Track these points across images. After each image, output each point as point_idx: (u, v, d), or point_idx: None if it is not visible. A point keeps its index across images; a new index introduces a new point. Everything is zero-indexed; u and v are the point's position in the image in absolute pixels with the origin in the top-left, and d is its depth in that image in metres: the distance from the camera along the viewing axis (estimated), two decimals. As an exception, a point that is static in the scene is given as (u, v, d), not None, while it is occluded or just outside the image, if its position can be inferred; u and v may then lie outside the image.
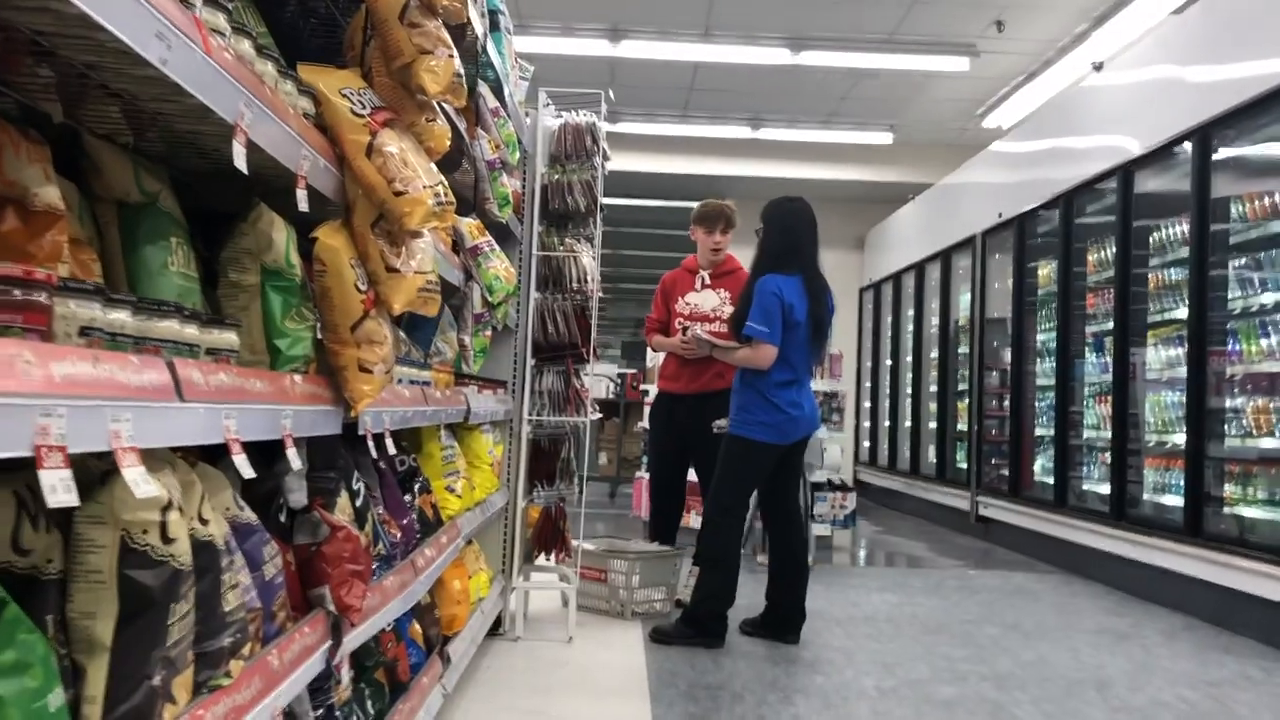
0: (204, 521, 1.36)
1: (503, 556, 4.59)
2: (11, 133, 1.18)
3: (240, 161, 1.34)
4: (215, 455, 1.58)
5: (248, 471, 1.37)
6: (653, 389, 7.67)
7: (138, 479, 1.03)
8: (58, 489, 0.89)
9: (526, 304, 4.47)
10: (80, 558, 1.16)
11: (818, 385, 5.48)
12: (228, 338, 1.45)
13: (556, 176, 4.61)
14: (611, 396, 11.34)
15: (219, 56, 1.27)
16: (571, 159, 4.64)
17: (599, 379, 4.38)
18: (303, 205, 1.60)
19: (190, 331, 1.33)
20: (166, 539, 1.19)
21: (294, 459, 1.60)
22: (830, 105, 10.82)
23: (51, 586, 1.15)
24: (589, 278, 4.57)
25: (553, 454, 4.69)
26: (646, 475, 7.18)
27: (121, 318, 1.16)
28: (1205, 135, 5.47)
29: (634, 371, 11.53)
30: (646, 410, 7.83)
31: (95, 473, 1.19)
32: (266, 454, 1.81)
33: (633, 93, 10.08)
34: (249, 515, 1.67)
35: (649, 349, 7.77)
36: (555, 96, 4.75)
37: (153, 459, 1.22)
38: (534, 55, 5.22)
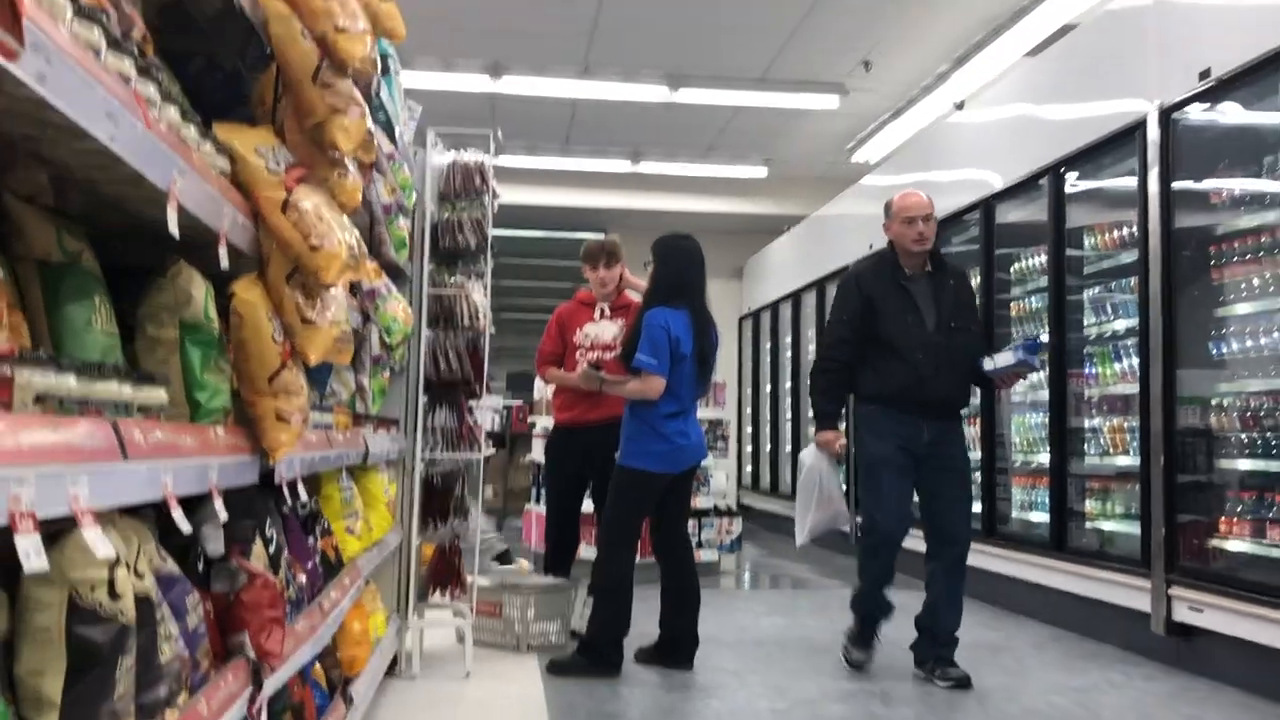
0: (139, 575, 1.40)
1: (398, 595, 4.59)
2: (-48, 204, 1.21)
3: (173, 226, 1.38)
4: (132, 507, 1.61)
5: (186, 527, 1.41)
6: (540, 420, 7.73)
7: (96, 539, 1.07)
8: (31, 555, 0.94)
9: (418, 342, 4.50)
10: (28, 617, 1.19)
11: (703, 413, 5.64)
12: (158, 395, 1.49)
13: (446, 215, 4.66)
14: (497, 429, 11.33)
15: (156, 129, 1.32)
16: (461, 197, 4.70)
17: (484, 411, 4.42)
18: (224, 263, 1.64)
19: (126, 391, 1.37)
20: (114, 595, 1.23)
21: (220, 511, 1.64)
22: (707, 140, 11.10)
23: (-1, 646, 1.18)
24: (480, 314, 4.63)
25: (446, 491, 4.72)
26: (539, 508, 7.23)
27: (69, 382, 1.20)
28: (1059, 171, 5.83)
29: (519, 404, 11.54)
30: (535, 443, 7.88)
31: (40, 534, 1.22)
32: (184, 504, 1.84)
33: (514, 126, 10.16)
34: (171, 566, 1.70)
35: (537, 381, 7.83)
36: (444, 135, 4.80)
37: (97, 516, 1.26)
38: (415, 91, 5.27)
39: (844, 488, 4.61)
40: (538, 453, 7.61)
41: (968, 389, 4.70)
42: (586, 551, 6.02)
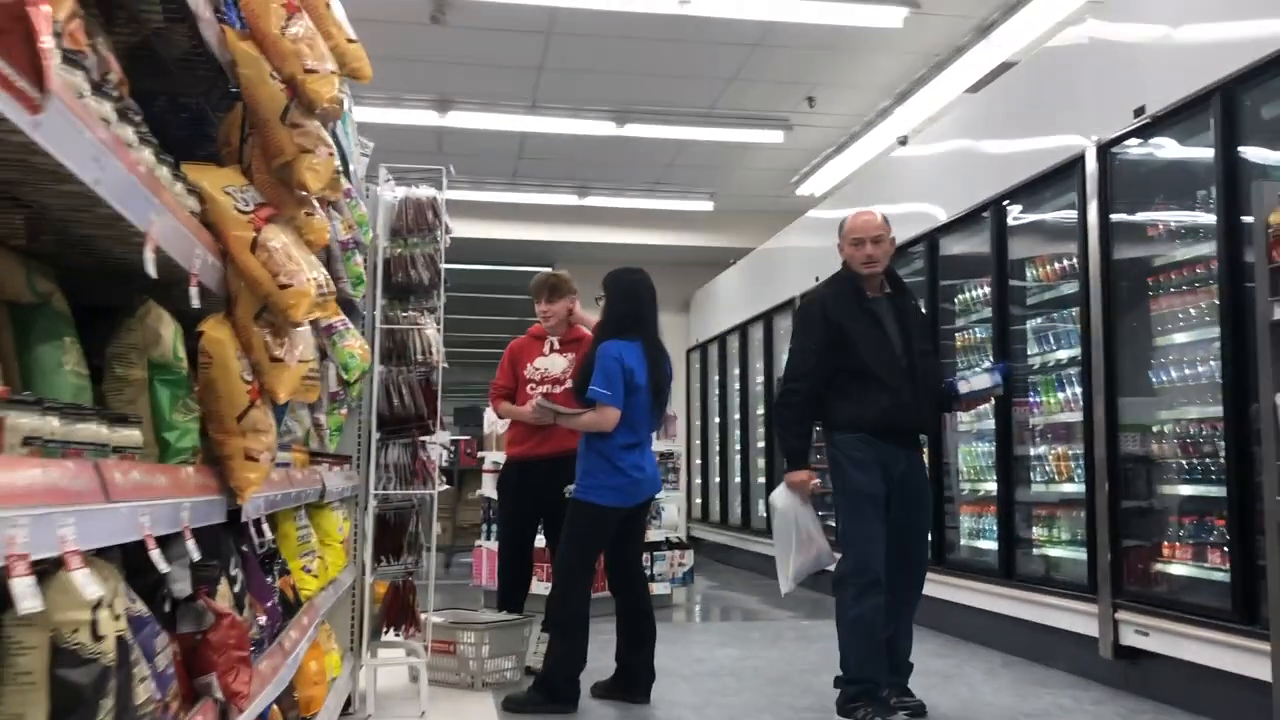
0: (115, 616, 1.39)
1: (351, 634, 4.54)
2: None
3: (150, 267, 1.39)
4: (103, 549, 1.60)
5: (164, 566, 1.41)
6: (489, 455, 7.71)
7: (85, 580, 1.07)
8: (26, 596, 0.94)
9: (371, 378, 4.48)
10: (10, 660, 1.18)
11: (655, 446, 5.66)
12: (133, 435, 1.49)
13: (399, 250, 4.66)
14: (445, 464, 11.25)
15: (136, 171, 1.33)
16: (414, 233, 4.70)
17: (434, 446, 4.40)
18: (195, 302, 1.65)
19: (104, 432, 1.37)
20: (97, 636, 1.22)
21: (193, 550, 1.64)
22: (654, 174, 11.20)
23: (-21, 690, 1.17)
24: (433, 349, 4.63)
25: (399, 528, 4.68)
26: (490, 544, 7.19)
27: (53, 424, 1.20)
28: (1001, 205, 5.97)
29: (468, 438, 11.49)
30: (485, 478, 7.85)
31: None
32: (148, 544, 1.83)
33: (461, 161, 10.10)
34: (140, 607, 1.68)
35: (486, 414, 7.81)
36: (395, 171, 4.81)
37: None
38: (362, 125, 5.29)
39: (819, 524, 4.38)
40: (488, 488, 7.59)
41: (938, 413, 4.59)
42: (538, 587, 6.00)
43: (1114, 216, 4.99)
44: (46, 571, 1.16)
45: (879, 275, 4.42)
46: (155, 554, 1.39)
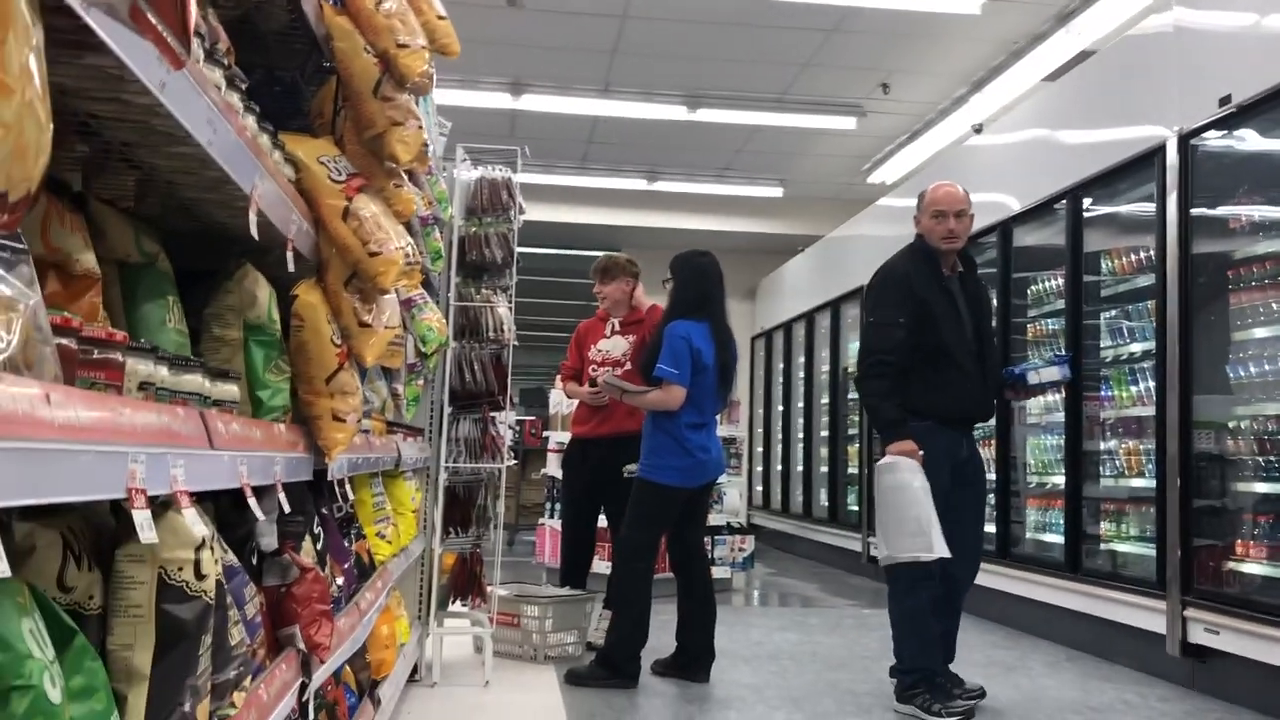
0: (215, 560, 1.46)
1: (419, 603, 4.64)
2: (56, 204, 1.28)
3: (254, 229, 1.45)
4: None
5: (260, 514, 1.48)
6: (554, 435, 7.80)
7: (194, 519, 1.14)
8: (145, 528, 1.00)
9: (445, 353, 4.57)
10: (121, 594, 1.25)
11: (719, 430, 5.68)
12: (231, 390, 1.56)
13: (474, 229, 4.75)
14: (511, 443, 11.38)
15: (243, 136, 1.40)
16: (488, 212, 4.79)
17: (502, 424, 4.49)
18: (291, 266, 1.71)
19: (207, 385, 1.44)
20: (200, 575, 1.29)
21: (284, 502, 1.71)
22: (724, 160, 11.19)
23: (93, 621, 1.24)
24: (505, 327, 4.71)
25: (467, 501, 4.79)
26: (553, 522, 7.28)
27: (163, 373, 1.27)
28: (1077, 196, 5.89)
29: (533, 418, 11.61)
30: (549, 457, 7.94)
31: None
32: (239, 498, 1.91)
33: (533, 143, 10.17)
34: (231, 557, 1.76)
35: (551, 395, 7.91)
36: (471, 152, 4.89)
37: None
38: (438, 106, 5.37)
39: (934, 513, 4.00)
40: (552, 467, 7.68)
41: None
42: (600, 566, 6.08)
43: (1194, 209, 4.91)
44: (155, 511, 1.23)
45: (955, 253, 4.24)
46: (253, 502, 1.46)
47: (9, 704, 0.93)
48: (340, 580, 2.68)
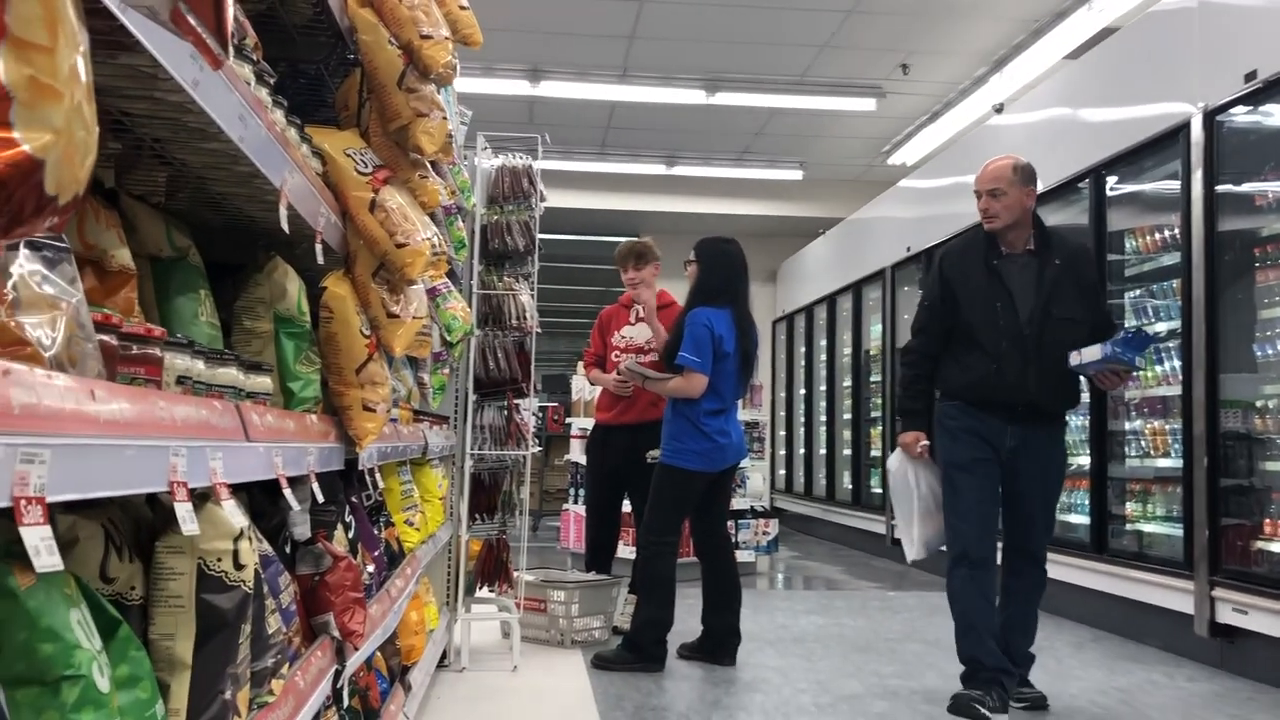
0: (253, 550, 1.49)
1: (447, 589, 4.68)
2: (92, 202, 1.30)
3: (285, 222, 1.47)
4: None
5: (296, 504, 1.50)
6: (576, 421, 7.83)
7: (233, 510, 1.16)
8: (187, 520, 1.02)
9: (469, 341, 4.59)
10: (161, 584, 1.27)
11: (741, 415, 5.70)
12: (264, 382, 1.58)
13: (495, 217, 4.76)
14: (534, 430, 11.42)
15: (273, 130, 1.41)
16: (509, 200, 4.80)
17: (526, 411, 4.52)
18: (320, 258, 1.73)
19: (240, 377, 1.46)
20: (238, 565, 1.31)
21: (317, 492, 1.73)
22: (743, 143, 11.16)
23: (134, 611, 1.27)
24: (527, 314, 4.73)
25: (493, 487, 4.82)
26: (577, 508, 7.32)
27: (199, 366, 1.28)
28: (1100, 174, 5.85)
29: (555, 405, 11.65)
30: (572, 444, 7.98)
31: (169, 506, 1.31)
32: (271, 489, 1.93)
33: (551, 130, 10.18)
34: (266, 546, 1.78)
35: (574, 382, 7.93)
36: (492, 140, 4.90)
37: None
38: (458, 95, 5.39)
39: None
40: (575, 453, 7.71)
41: (1068, 388, 4.05)
42: (624, 551, 6.10)
43: (1219, 186, 4.87)
44: (194, 503, 1.25)
45: (1009, 230, 4.00)
46: (288, 492, 1.48)
47: (60, 693, 0.95)
48: (371, 568, 2.71)
